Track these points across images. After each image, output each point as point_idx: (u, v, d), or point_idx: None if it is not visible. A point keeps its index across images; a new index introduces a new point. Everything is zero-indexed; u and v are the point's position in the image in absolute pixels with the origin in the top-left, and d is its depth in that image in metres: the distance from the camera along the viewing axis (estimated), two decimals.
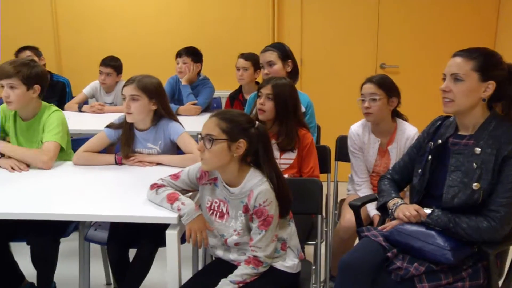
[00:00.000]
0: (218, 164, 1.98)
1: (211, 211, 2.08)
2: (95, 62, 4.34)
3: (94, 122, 3.71)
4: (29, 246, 2.42)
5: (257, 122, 2.02)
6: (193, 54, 4.18)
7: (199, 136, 1.99)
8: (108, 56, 4.30)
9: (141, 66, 4.16)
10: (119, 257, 2.47)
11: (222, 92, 4.47)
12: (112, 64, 4.28)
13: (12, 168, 2.53)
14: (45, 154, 2.57)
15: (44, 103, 2.72)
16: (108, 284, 3.08)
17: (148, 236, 2.36)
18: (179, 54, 4.18)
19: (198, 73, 4.22)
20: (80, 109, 4.15)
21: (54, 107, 2.72)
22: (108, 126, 2.67)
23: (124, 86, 2.54)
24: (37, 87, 2.62)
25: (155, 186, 2.11)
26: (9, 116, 2.73)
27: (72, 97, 4.47)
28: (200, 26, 4.97)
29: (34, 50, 4.35)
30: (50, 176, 2.50)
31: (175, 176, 2.15)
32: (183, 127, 2.65)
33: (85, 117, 3.99)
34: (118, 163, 2.61)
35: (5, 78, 2.56)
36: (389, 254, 2.00)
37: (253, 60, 3.86)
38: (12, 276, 2.62)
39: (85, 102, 4.36)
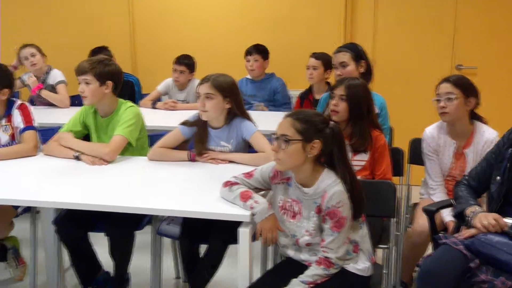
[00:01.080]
0: (293, 165, 1.98)
1: (283, 210, 2.09)
2: (169, 61, 4.45)
3: (167, 119, 3.81)
4: (106, 237, 2.53)
5: (331, 122, 2.01)
6: (263, 51, 4.28)
7: (273, 136, 2.00)
8: (182, 55, 4.41)
9: (212, 65, 4.21)
10: (190, 252, 2.53)
11: (293, 92, 4.47)
12: (186, 62, 4.37)
13: (93, 163, 2.64)
14: (107, 146, 2.68)
15: (120, 100, 2.83)
16: (178, 277, 3.15)
17: (219, 233, 2.39)
18: (249, 52, 4.26)
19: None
20: (153, 106, 4.28)
21: (130, 103, 2.82)
22: (182, 124, 2.73)
23: (199, 84, 2.60)
24: (109, 83, 2.72)
25: (228, 184, 2.13)
26: (89, 114, 2.85)
27: (141, 95, 4.61)
28: (272, 26, 4.97)
29: (106, 51, 4.51)
30: (126, 170, 2.59)
31: (249, 175, 2.17)
32: (256, 126, 2.67)
33: (159, 114, 4.10)
34: (192, 159, 2.67)
35: (81, 74, 2.70)
36: (471, 264, 1.92)
37: (323, 59, 3.84)
38: (90, 265, 2.73)
39: (159, 99, 4.48)
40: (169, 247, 3.01)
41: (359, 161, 2.67)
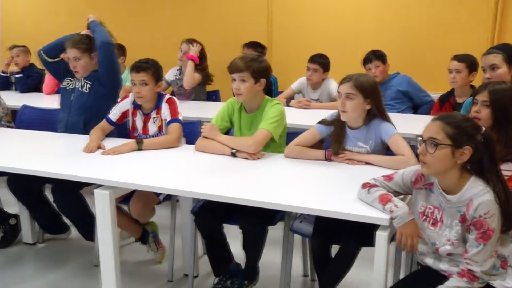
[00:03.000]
0: (439, 170, 1.89)
1: (424, 217, 2.00)
2: (304, 59, 4.48)
3: (301, 117, 3.83)
4: (240, 230, 2.61)
5: (483, 128, 1.89)
6: (381, 56, 4.30)
7: (419, 138, 1.93)
8: (317, 54, 4.41)
9: (347, 65, 4.18)
10: (321, 251, 2.52)
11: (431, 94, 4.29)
12: (320, 61, 4.37)
13: (247, 158, 2.71)
14: (251, 139, 2.73)
15: (267, 97, 2.88)
16: (305, 275, 3.16)
17: (353, 234, 2.35)
18: (368, 60, 4.30)
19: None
20: (287, 104, 4.33)
21: (276, 101, 2.87)
22: (320, 122, 2.72)
23: (340, 83, 2.58)
24: (263, 81, 2.78)
25: (367, 185, 2.09)
26: (236, 109, 2.94)
27: (278, 93, 4.68)
28: (410, 27, 4.81)
29: (260, 48, 4.68)
30: (262, 166, 2.64)
31: (388, 177, 2.11)
32: (395, 128, 2.59)
33: (292, 112, 4.14)
34: (328, 159, 2.66)
35: (237, 72, 2.77)
36: None
37: (467, 62, 3.63)
38: (223, 255, 2.84)
39: (292, 97, 4.53)
40: (298, 244, 3.02)
41: (505, 170, 2.47)
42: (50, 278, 3.17)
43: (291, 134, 2.98)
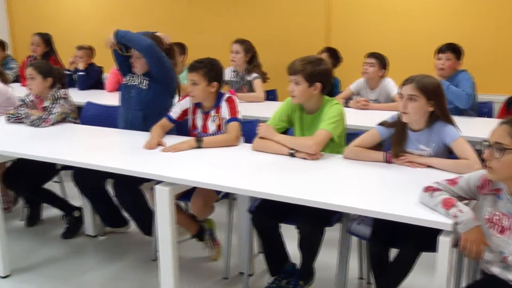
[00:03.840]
0: (506, 175, 1.83)
1: (490, 224, 1.94)
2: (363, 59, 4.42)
3: (359, 118, 3.78)
4: (296, 230, 2.60)
5: None
6: (457, 50, 4.06)
7: (485, 142, 1.87)
8: (375, 52, 4.34)
9: (409, 67, 4.10)
10: (380, 254, 2.48)
11: (495, 97, 4.14)
12: (376, 55, 4.32)
13: (305, 159, 2.70)
14: (311, 139, 2.71)
15: (326, 97, 2.86)
16: (361, 278, 3.12)
17: (413, 238, 2.30)
18: (441, 50, 4.05)
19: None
20: (345, 105, 4.28)
21: (335, 101, 2.84)
22: (380, 124, 2.68)
23: (402, 85, 2.52)
24: (318, 84, 2.75)
25: (430, 189, 2.04)
26: (296, 109, 2.92)
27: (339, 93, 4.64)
28: (477, 27, 4.66)
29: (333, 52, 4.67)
30: (321, 166, 2.62)
31: (452, 182, 2.05)
32: (459, 131, 2.52)
33: (350, 112, 4.08)
34: (388, 161, 2.61)
35: (292, 73, 2.77)
36: None
37: None
38: (279, 254, 2.84)
39: (350, 98, 4.48)
40: (355, 246, 2.99)
41: None
42: (110, 269, 3.27)
43: (349, 134, 2.95)
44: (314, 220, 2.52)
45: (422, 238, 2.20)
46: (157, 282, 2.75)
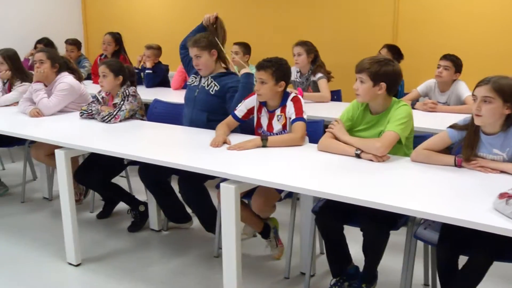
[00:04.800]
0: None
1: None
2: (432, 61, 4.30)
3: (426, 121, 3.68)
4: (360, 233, 2.56)
5: None
6: None
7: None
8: (451, 55, 4.20)
9: (483, 68, 3.96)
10: (448, 261, 2.40)
11: None
12: (453, 58, 4.16)
13: (371, 160, 2.65)
14: (379, 141, 2.66)
15: (394, 98, 2.80)
16: (426, 284, 3.04)
17: (484, 246, 2.21)
18: None
19: None
20: (412, 107, 4.17)
21: (403, 102, 2.78)
22: (451, 127, 2.59)
23: (477, 86, 2.43)
24: (383, 84, 2.69)
25: (505, 196, 1.95)
26: (360, 109, 2.87)
27: (403, 96, 4.54)
28: None
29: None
30: (387, 168, 2.57)
31: None
32: None
33: (416, 115, 3.97)
34: (458, 165, 2.52)
35: (358, 72, 2.74)
36: None
37: None
38: (342, 256, 2.81)
39: (417, 100, 4.37)
40: (420, 251, 2.91)
41: None
42: (173, 264, 3.33)
43: (415, 137, 2.88)
44: (379, 223, 2.48)
45: (494, 246, 2.12)
46: (218, 279, 2.78)
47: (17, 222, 4.05)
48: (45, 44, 6.19)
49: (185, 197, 3.41)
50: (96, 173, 3.73)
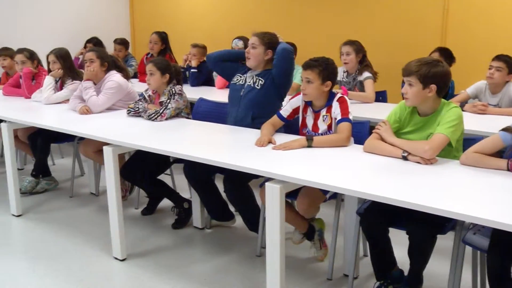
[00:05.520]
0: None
1: None
2: (482, 61, 4.18)
3: (475, 123, 3.57)
4: (406, 236, 2.51)
5: None
6: None
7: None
8: (504, 55, 4.08)
9: None
10: (499, 269, 2.32)
11: None
12: (506, 59, 4.03)
13: (419, 163, 2.60)
14: (428, 143, 2.59)
15: (443, 100, 2.74)
16: None
17: None
18: None
19: None
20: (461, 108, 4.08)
21: (453, 104, 2.71)
22: (504, 129, 2.51)
23: None
24: (433, 86, 2.63)
25: None
26: (408, 111, 2.81)
27: (453, 97, 4.43)
28: None
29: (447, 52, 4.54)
30: (435, 171, 2.51)
31: None
32: None
33: (466, 117, 3.86)
34: (510, 169, 2.45)
35: (405, 75, 2.68)
36: None
37: None
38: (387, 259, 2.76)
39: (466, 101, 4.26)
40: (469, 257, 2.83)
41: None
42: (215, 262, 3.36)
43: (464, 140, 2.80)
44: (426, 227, 2.43)
45: None
46: (261, 278, 2.79)
47: (66, 216, 4.17)
48: (95, 43, 6.36)
49: (229, 196, 3.43)
50: (143, 170, 3.80)
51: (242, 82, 3.59)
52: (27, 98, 4.83)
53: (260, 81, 3.50)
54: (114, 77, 4.15)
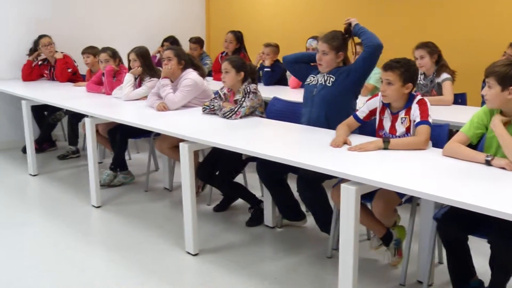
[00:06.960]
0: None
1: None
2: None
3: None
4: (488, 245, 2.41)
5: None
6: None
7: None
8: None
9: None
10: None
11: None
12: None
13: (504, 168, 2.47)
14: None
15: None
16: None
17: None
18: None
19: None
20: None
21: None
22: None
23: None
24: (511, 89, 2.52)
25: None
26: (493, 114, 2.67)
27: None
28: None
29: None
30: None
31: None
32: None
33: None
34: None
35: (486, 76, 2.56)
36: None
37: None
38: (465, 269, 2.66)
39: None
40: None
41: None
42: (285, 261, 3.36)
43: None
44: (509, 236, 2.31)
45: None
46: (331, 279, 2.76)
47: (141, 209, 4.31)
48: (171, 42, 6.52)
49: (302, 196, 3.42)
50: (220, 173, 3.86)
51: (315, 82, 3.58)
52: (108, 94, 5.04)
53: (331, 78, 3.47)
54: (191, 75, 4.24)
